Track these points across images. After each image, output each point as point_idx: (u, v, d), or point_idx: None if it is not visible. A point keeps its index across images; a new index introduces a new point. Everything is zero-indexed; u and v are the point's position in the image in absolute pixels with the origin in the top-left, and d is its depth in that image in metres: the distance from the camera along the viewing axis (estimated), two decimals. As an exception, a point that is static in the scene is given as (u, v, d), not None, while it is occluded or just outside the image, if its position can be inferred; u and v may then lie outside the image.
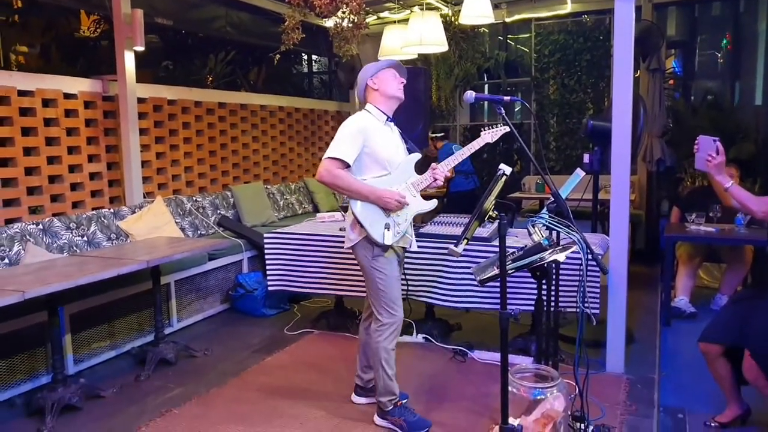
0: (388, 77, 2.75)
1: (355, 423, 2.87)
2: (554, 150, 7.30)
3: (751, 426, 2.84)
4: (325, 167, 2.64)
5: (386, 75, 2.76)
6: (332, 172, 2.62)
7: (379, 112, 2.78)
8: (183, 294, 4.36)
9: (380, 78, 2.75)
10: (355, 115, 2.76)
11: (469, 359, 3.62)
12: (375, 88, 2.76)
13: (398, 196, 2.68)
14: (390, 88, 2.75)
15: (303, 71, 9.84)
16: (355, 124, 2.69)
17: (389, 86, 2.75)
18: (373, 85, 2.76)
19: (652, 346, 3.79)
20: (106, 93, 4.65)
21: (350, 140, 2.65)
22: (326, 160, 2.64)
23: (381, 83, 2.75)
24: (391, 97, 2.76)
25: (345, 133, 2.67)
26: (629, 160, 3.29)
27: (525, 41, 7.64)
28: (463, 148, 2.79)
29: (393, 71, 2.78)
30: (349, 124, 2.71)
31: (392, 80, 2.75)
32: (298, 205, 6.47)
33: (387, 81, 2.75)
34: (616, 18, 3.21)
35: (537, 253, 2.10)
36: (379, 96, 2.76)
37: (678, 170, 6.28)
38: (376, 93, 2.77)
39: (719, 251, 4.70)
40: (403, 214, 2.74)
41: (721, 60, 7.01)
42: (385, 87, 2.75)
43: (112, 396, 3.24)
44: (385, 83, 2.75)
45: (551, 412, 1.83)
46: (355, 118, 2.73)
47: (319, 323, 4.27)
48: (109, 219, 4.34)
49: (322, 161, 2.66)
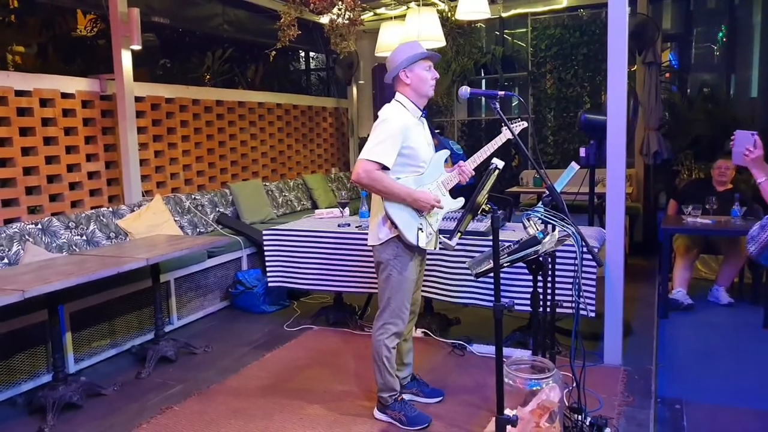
0: (422, 73, 2.64)
1: (355, 418, 2.89)
2: (552, 144, 7.32)
3: None
4: (363, 168, 2.53)
5: (420, 70, 2.63)
6: (371, 174, 2.52)
7: (415, 108, 2.68)
8: (183, 291, 4.38)
9: (414, 73, 2.63)
10: (393, 110, 2.64)
11: (468, 353, 3.64)
12: (407, 82, 2.65)
13: (433, 199, 2.61)
14: (423, 86, 2.65)
15: (300, 68, 9.84)
16: (395, 124, 2.57)
17: (422, 84, 2.64)
18: (405, 79, 2.64)
19: (650, 337, 3.81)
20: (103, 92, 4.66)
21: (390, 141, 2.54)
22: (365, 161, 2.53)
23: (414, 79, 2.64)
24: (424, 95, 2.68)
25: (386, 133, 2.55)
26: (624, 153, 3.31)
27: (522, 36, 7.64)
28: (487, 146, 2.73)
29: (428, 64, 2.66)
30: (390, 121, 2.58)
31: (426, 77, 2.64)
32: (296, 202, 6.48)
33: (421, 77, 2.63)
34: (609, 12, 3.21)
35: (532, 246, 2.12)
36: (411, 91, 2.66)
37: (675, 163, 6.29)
38: (408, 87, 2.66)
39: (716, 243, 4.72)
40: (435, 215, 2.69)
41: (717, 53, 7.02)
42: (418, 84, 2.64)
43: (112, 394, 3.26)
44: (419, 80, 2.63)
45: (547, 403, 1.85)
46: (394, 115, 2.61)
47: (319, 319, 4.29)
48: (108, 218, 4.36)
49: (359, 161, 2.55)
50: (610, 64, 3.26)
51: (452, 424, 2.79)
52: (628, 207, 5.08)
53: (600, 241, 3.45)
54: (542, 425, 1.85)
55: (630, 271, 4.91)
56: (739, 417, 2.90)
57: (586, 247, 2.17)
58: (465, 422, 2.79)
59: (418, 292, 2.93)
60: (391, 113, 2.63)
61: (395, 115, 2.62)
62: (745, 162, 2.20)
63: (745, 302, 4.56)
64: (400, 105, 2.68)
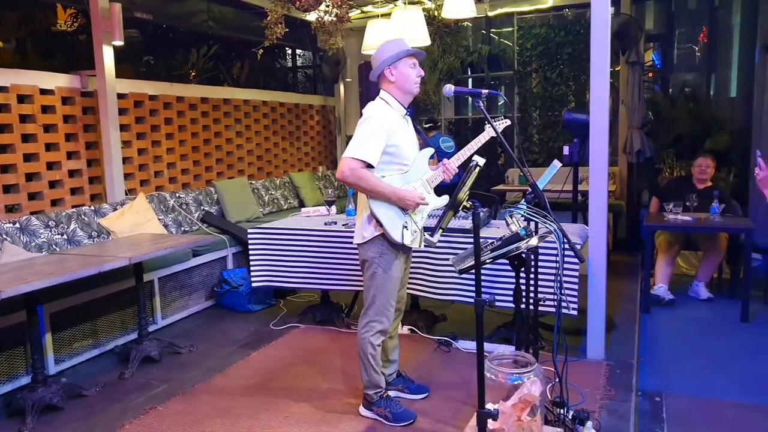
0: (407, 70, 2.63)
1: (341, 415, 2.89)
2: (537, 142, 7.37)
3: None
4: (348, 166, 2.51)
5: (405, 67, 2.62)
6: (356, 172, 2.51)
7: (399, 105, 2.67)
8: (167, 291, 4.35)
9: (399, 70, 2.62)
10: (377, 108, 2.64)
11: (454, 349, 3.66)
12: (392, 80, 2.64)
13: (419, 198, 2.61)
14: (408, 83, 2.64)
15: (287, 66, 9.80)
16: (380, 122, 2.56)
17: (407, 81, 2.63)
18: (390, 76, 2.63)
19: (632, 332, 3.86)
20: (84, 88, 4.61)
21: (375, 140, 2.54)
22: (350, 159, 2.51)
23: (399, 77, 2.63)
24: (408, 92, 2.67)
25: (370, 130, 2.55)
26: (606, 151, 3.34)
27: (508, 35, 7.69)
28: (470, 143, 2.74)
29: (413, 61, 2.65)
30: (375, 119, 2.57)
31: (411, 74, 2.63)
32: (283, 200, 6.46)
33: (406, 75, 2.62)
34: (592, 12, 3.24)
35: (514, 242, 2.14)
36: (396, 89, 2.66)
37: (657, 161, 6.38)
38: (393, 85, 2.65)
39: (696, 239, 4.79)
40: (420, 213, 2.70)
41: (699, 53, 7.12)
42: (403, 81, 2.63)
43: (94, 395, 3.22)
44: (404, 77, 2.62)
45: (528, 397, 1.87)
46: (378, 112, 2.61)
47: (306, 318, 4.28)
48: (90, 217, 4.31)
49: (344, 159, 2.53)
50: (593, 64, 3.29)
51: (438, 419, 2.80)
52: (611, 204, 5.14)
53: (583, 237, 3.49)
54: (524, 419, 1.87)
55: (613, 267, 4.98)
56: (716, 408, 2.96)
57: (567, 243, 2.20)
58: (450, 418, 2.81)
59: (403, 290, 2.94)
60: (376, 111, 2.62)
61: (380, 113, 2.61)
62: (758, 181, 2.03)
63: (724, 297, 4.65)
64: (385, 103, 2.68)
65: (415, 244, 2.72)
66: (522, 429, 1.91)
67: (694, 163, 4.87)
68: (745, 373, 3.35)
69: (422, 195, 2.65)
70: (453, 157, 2.75)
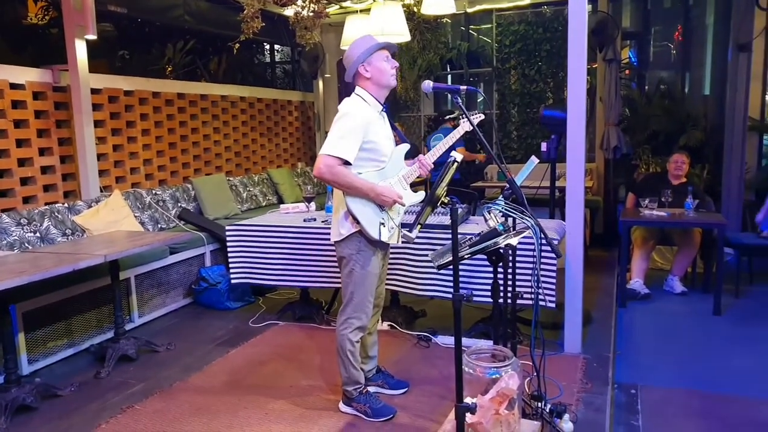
0: (381, 64, 2.60)
1: (320, 412, 2.89)
2: (516, 139, 7.43)
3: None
4: (325, 163, 2.49)
5: (379, 61, 2.60)
6: (333, 169, 2.49)
7: (375, 101, 2.65)
8: (144, 289, 4.29)
9: (373, 65, 2.59)
10: (354, 104, 2.61)
11: (433, 344, 3.67)
12: (368, 76, 2.61)
13: (396, 195, 2.60)
14: (384, 78, 2.61)
15: (265, 61, 9.72)
16: (357, 118, 2.54)
17: (382, 75, 2.60)
18: (365, 73, 2.60)
19: (608, 326, 3.92)
20: (56, 83, 4.51)
21: (352, 136, 2.51)
22: (327, 156, 2.49)
23: (374, 71, 2.60)
24: (385, 86, 2.65)
25: (347, 127, 2.52)
26: (583, 147, 3.38)
27: (487, 32, 7.72)
28: (446, 138, 2.74)
29: (386, 54, 2.62)
30: (351, 115, 2.55)
31: (386, 67, 2.61)
32: (262, 197, 6.41)
33: (380, 69, 2.59)
34: (570, 9, 3.27)
35: (492, 238, 2.15)
36: (372, 84, 2.63)
37: (633, 157, 6.47)
38: (369, 81, 2.62)
39: (671, 234, 4.88)
40: (396, 210, 2.70)
41: (674, 51, 7.23)
42: (378, 76, 2.60)
43: (70, 395, 3.17)
44: (379, 72, 2.60)
45: (506, 391, 1.88)
46: (354, 109, 2.57)
47: (285, 315, 4.26)
48: (64, 214, 4.23)
49: (320, 156, 2.51)
50: (571, 61, 3.32)
51: (417, 414, 2.81)
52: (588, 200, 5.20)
53: (560, 233, 3.52)
54: (501, 412, 1.89)
55: (591, 262, 5.04)
56: (689, 398, 3.02)
57: (544, 238, 2.22)
58: (430, 412, 2.82)
59: (381, 286, 2.94)
60: (353, 107, 2.60)
61: (357, 109, 2.59)
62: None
63: (697, 291, 4.75)
64: (361, 99, 2.66)
65: (392, 241, 2.72)
66: (500, 422, 1.93)
67: (669, 159, 4.96)
68: (718, 364, 3.43)
69: (400, 193, 2.65)
70: (429, 153, 2.76)
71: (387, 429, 2.70)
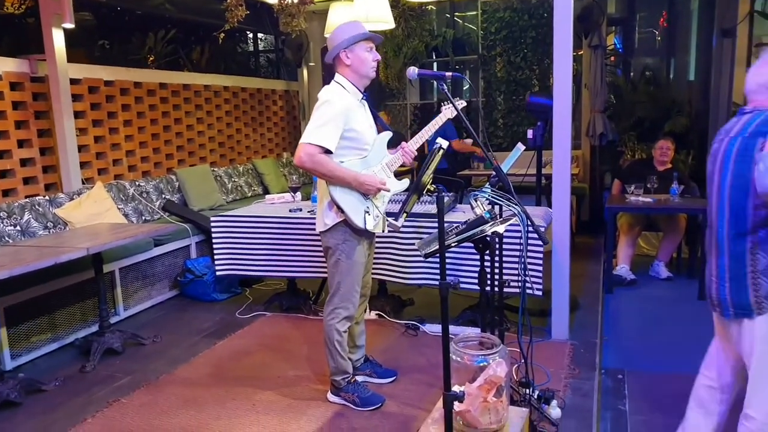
0: (363, 54, 2.58)
1: (309, 402, 2.88)
2: (502, 127, 7.42)
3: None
4: (305, 152, 2.47)
5: (361, 50, 2.57)
6: (314, 158, 2.47)
7: (356, 89, 2.63)
8: (129, 281, 4.24)
9: (355, 53, 2.57)
10: (333, 91, 2.58)
11: (421, 333, 3.68)
12: (348, 63, 2.58)
13: (379, 182, 2.59)
14: (363, 68, 2.59)
15: (249, 50, 9.60)
16: (337, 106, 2.52)
17: (363, 65, 2.59)
18: (345, 59, 2.58)
19: (595, 312, 3.94)
20: (34, 74, 4.42)
21: (332, 124, 2.49)
22: (307, 144, 2.47)
23: (355, 60, 2.58)
24: (365, 76, 2.63)
25: (327, 115, 2.50)
26: (570, 134, 3.37)
27: (472, 19, 7.68)
28: (428, 125, 2.73)
29: (370, 45, 2.60)
30: (331, 103, 2.53)
31: (367, 57, 2.59)
32: (247, 187, 6.36)
33: (362, 59, 2.57)
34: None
35: (478, 226, 2.14)
36: (352, 72, 2.61)
37: (619, 144, 6.49)
38: (349, 68, 2.60)
39: (656, 220, 4.91)
40: (381, 198, 2.68)
41: (659, 38, 7.25)
42: (359, 65, 2.58)
43: (54, 389, 3.13)
44: (359, 61, 2.57)
45: (494, 378, 1.88)
46: (333, 96, 2.55)
47: (272, 306, 4.24)
48: (45, 207, 4.16)
49: (301, 145, 2.49)
50: (556, 47, 3.31)
51: (405, 403, 2.82)
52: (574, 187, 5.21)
53: (547, 220, 3.53)
54: (489, 400, 1.89)
55: (577, 248, 5.07)
56: (675, 382, 3.03)
57: (531, 225, 2.21)
58: (418, 400, 2.82)
59: (368, 275, 2.93)
60: (332, 95, 2.58)
61: (336, 97, 2.57)
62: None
63: (683, 276, 4.79)
64: (341, 86, 2.64)
65: (378, 230, 2.71)
66: (488, 410, 1.93)
67: (654, 145, 4.97)
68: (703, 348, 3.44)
69: (383, 180, 2.64)
70: (411, 140, 2.75)
71: (376, 418, 2.70)
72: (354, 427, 2.63)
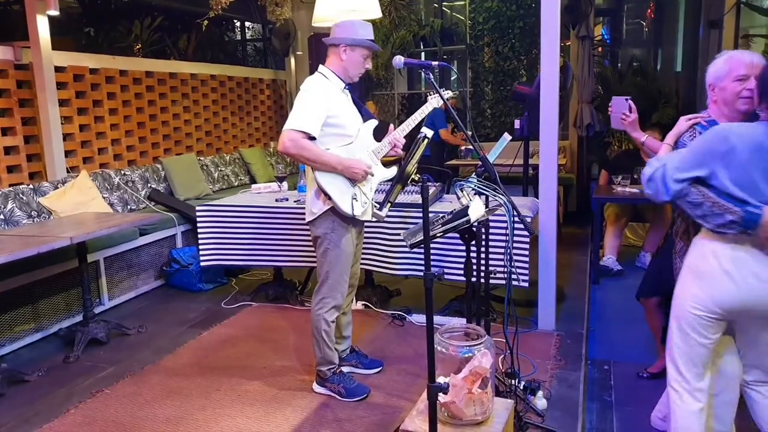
0: (359, 58, 2.63)
1: (294, 392, 2.87)
2: (489, 117, 7.41)
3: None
4: (289, 138, 2.49)
5: (358, 55, 2.62)
6: (298, 143, 2.49)
7: (338, 79, 2.66)
8: (113, 271, 4.20)
9: (353, 54, 2.62)
10: (314, 80, 2.62)
11: (407, 323, 3.68)
12: (343, 57, 2.62)
13: (365, 166, 2.61)
14: (353, 70, 2.65)
15: (236, 39, 9.50)
16: (317, 93, 2.56)
17: (354, 68, 2.64)
18: (342, 54, 2.61)
19: (582, 302, 3.96)
20: (18, 61, 4.35)
21: (314, 111, 2.52)
22: (290, 131, 2.50)
23: (350, 60, 2.62)
24: (350, 76, 2.67)
25: (308, 102, 2.53)
26: (557, 124, 3.37)
27: (460, 9, 7.65)
28: (414, 114, 2.73)
29: (367, 53, 2.65)
30: (311, 91, 2.56)
31: (360, 63, 2.64)
32: (233, 176, 6.31)
33: (356, 63, 2.63)
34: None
35: (464, 216, 2.14)
36: (341, 67, 2.64)
37: (607, 135, 6.51)
38: (341, 63, 2.63)
39: (643, 211, 4.94)
40: (368, 184, 2.69)
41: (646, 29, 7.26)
42: (350, 66, 2.63)
43: (37, 380, 3.10)
44: (353, 64, 2.63)
45: (479, 369, 1.88)
46: (315, 85, 2.59)
47: (258, 296, 4.22)
48: (29, 196, 4.10)
49: (284, 131, 2.51)
50: (544, 37, 3.30)
51: (391, 393, 2.82)
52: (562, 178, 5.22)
53: (534, 210, 3.53)
54: (474, 391, 1.89)
55: (564, 239, 5.08)
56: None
57: (517, 216, 2.21)
58: (404, 391, 2.83)
59: (356, 265, 2.92)
60: (313, 83, 2.61)
61: (317, 85, 2.60)
62: (623, 126, 2.35)
63: (669, 267, 4.81)
64: (322, 76, 2.66)
65: (366, 216, 2.71)
66: (473, 401, 1.93)
67: (641, 136, 4.98)
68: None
69: (369, 165, 2.64)
70: (398, 129, 2.75)
71: (361, 409, 2.70)
72: (339, 418, 2.63)
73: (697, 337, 1.94)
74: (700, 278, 1.90)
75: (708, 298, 1.88)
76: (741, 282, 1.82)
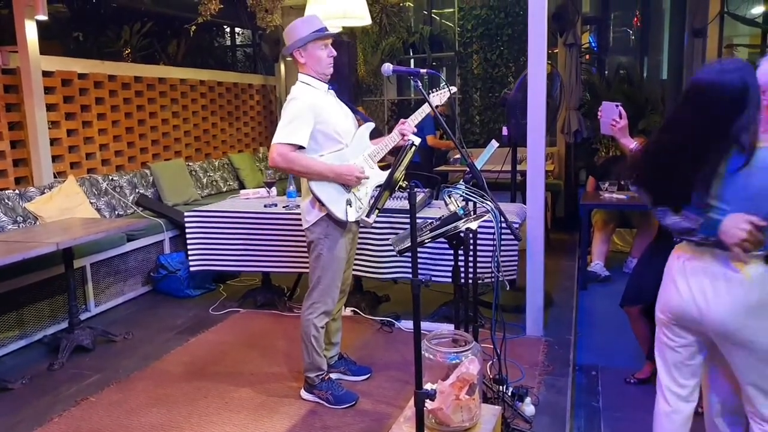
0: (317, 52, 2.58)
1: (282, 399, 2.86)
2: (478, 123, 7.45)
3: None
4: (278, 152, 2.49)
5: (315, 49, 2.58)
6: (286, 156, 2.49)
7: (318, 82, 2.64)
8: (100, 277, 4.17)
9: (309, 53, 2.58)
10: (299, 89, 2.61)
11: (396, 329, 3.68)
12: (302, 62, 2.61)
13: (357, 171, 2.59)
14: (319, 66, 2.61)
15: (226, 44, 9.50)
16: (303, 102, 2.54)
17: (318, 64, 2.60)
18: (300, 59, 2.60)
19: (570, 308, 3.98)
20: (5, 65, 4.32)
21: (301, 120, 2.51)
22: (278, 145, 2.49)
23: (310, 59, 2.59)
24: (321, 74, 2.64)
25: (294, 112, 2.53)
26: (544, 131, 3.40)
27: (449, 16, 7.70)
28: (419, 110, 2.73)
29: (322, 42, 2.60)
30: (297, 100, 2.55)
31: (322, 56, 2.59)
32: (222, 182, 6.29)
33: (316, 57, 2.59)
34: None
35: (452, 222, 2.15)
36: (309, 69, 2.62)
37: (594, 141, 6.56)
38: (306, 66, 2.62)
39: (630, 217, 4.97)
40: (363, 189, 2.68)
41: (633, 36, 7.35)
42: (314, 64, 2.60)
43: (21, 388, 3.06)
44: (314, 60, 2.59)
45: (466, 375, 1.89)
46: (299, 95, 2.58)
47: (246, 302, 4.20)
48: (15, 201, 4.06)
49: (273, 146, 2.51)
50: (531, 45, 3.32)
51: (379, 400, 2.81)
52: (549, 184, 5.26)
53: (521, 216, 3.55)
54: (462, 398, 1.89)
55: (552, 245, 5.11)
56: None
57: (504, 222, 2.22)
58: (392, 398, 2.82)
59: (348, 271, 2.92)
60: (297, 92, 2.61)
61: (301, 94, 2.59)
62: (612, 132, 2.34)
63: (656, 273, 4.84)
64: (305, 84, 2.65)
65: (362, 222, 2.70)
66: (460, 408, 1.93)
67: (628, 143, 5.03)
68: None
69: (362, 169, 2.63)
70: (409, 119, 2.72)
71: (349, 416, 2.69)
72: (327, 425, 2.62)
73: (663, 337, 1.97)
74: (663, 281, 1.96)
75: (661, 300, 1.95)
76: (684, 292, 1.83)
